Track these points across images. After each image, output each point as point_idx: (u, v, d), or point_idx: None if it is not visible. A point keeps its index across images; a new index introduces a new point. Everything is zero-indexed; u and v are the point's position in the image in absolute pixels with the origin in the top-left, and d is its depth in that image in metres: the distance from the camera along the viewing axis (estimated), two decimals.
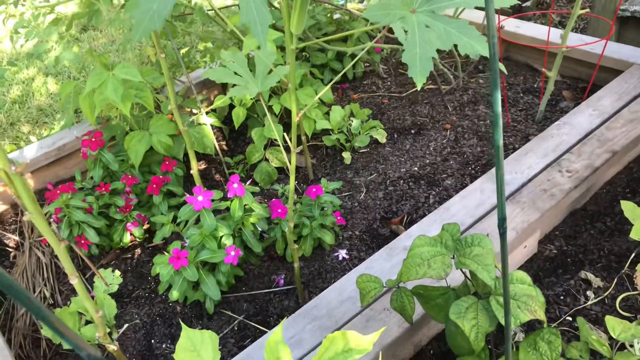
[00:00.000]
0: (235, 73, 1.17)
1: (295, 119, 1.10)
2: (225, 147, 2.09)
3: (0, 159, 0.80)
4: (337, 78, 0.94)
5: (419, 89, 0.75)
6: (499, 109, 0.55)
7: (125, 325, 1.45)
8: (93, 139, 1.59)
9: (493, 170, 1.59)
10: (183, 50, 2.20)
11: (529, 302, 0.94)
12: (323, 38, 0.93)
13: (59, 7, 1.80)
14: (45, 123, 2.70)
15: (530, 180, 1.53)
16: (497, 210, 0.63)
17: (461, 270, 1.05)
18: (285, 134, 1.11)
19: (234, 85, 1.46)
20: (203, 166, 2.01)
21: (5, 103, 2.86)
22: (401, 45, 0.76)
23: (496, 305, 0.94)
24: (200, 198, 1.33)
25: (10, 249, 1.78)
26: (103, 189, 1.57)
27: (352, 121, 1.92)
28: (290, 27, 0.98)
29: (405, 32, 1.00)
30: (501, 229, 0.64)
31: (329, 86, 0.97)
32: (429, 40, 0.75)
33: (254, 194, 1.71)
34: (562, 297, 1.40)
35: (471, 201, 1.50)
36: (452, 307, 0.97)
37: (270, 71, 1.20)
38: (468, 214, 1.46)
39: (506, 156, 1.83)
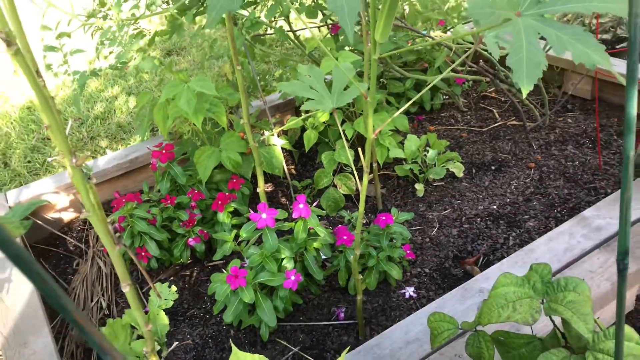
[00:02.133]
0: (311, 88, 1.12)
1: (370, 135, 1.02)
2: (293, 171, 2.04)
3: (64, 150, 0.77)
4: (413, 99, 0.87)
5: (524, 97, 0.66)
6: (634, 111, 0.44)
7: (175, 344, 1.39)
8: (164, 151, 1.58)
9: (583, 213, 1.43)
10: (260, 75, 2.19)
11: None
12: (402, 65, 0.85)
13: (143, 23, 1.84)
14: (123, 139, 2.78)
15: None
16: (619, 241, 0.51)
17: (550, 318, 0.91)
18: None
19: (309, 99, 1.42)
20: (270, 188, 1.96)
21: (88, 118, 2.98)
22: (486, 76, 0.68)
23: None
24: (264, 215, 1.27)
25: (75, 257, 1.78)
26: (169, 201, 1.55)
27: (428, 152, 1.81)
28: (375, 34, 0.91)
29: (497, 42, 0.91)
30: (622, 264, 0.52)
31: (405, 107, 0.89)
32: (537, 46, 0.66)
33: (319, 217, 1.63)
34: None
35: (559, 245, 1.34)
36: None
37: (347, 88, 1.13)
38: (555, 258, 1.31)
39: (597, 200, 1.67)
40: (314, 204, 1.45)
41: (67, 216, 1.95)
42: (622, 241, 0.51)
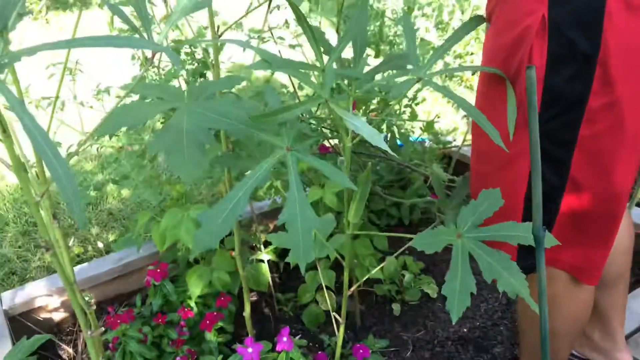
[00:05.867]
0: None
1: (346, 293, 1.15)
2: (277, 280, 2.15)
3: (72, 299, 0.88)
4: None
5: (454, 323, 0.80)
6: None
7: None
8: (158, 270, 1.69)
9: None
10: None
11: None
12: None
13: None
14: (113, 227, 2.87)
15: None
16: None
17: None
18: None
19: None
20: (254, 298, 2.06)
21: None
22: None
23: None
24: (249, 350, 1.37)
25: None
26: (160, 319, 1.64)
27: (405, 274, 1.95)
28: (348, 216, 1.05)
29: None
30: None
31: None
32: (469, 273, 0.80)
33: (300, 347, 1.73)
34: None
35: None
36: None
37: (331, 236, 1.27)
38: None
39: None
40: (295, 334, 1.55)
41: (58, 316, 2.02)
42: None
